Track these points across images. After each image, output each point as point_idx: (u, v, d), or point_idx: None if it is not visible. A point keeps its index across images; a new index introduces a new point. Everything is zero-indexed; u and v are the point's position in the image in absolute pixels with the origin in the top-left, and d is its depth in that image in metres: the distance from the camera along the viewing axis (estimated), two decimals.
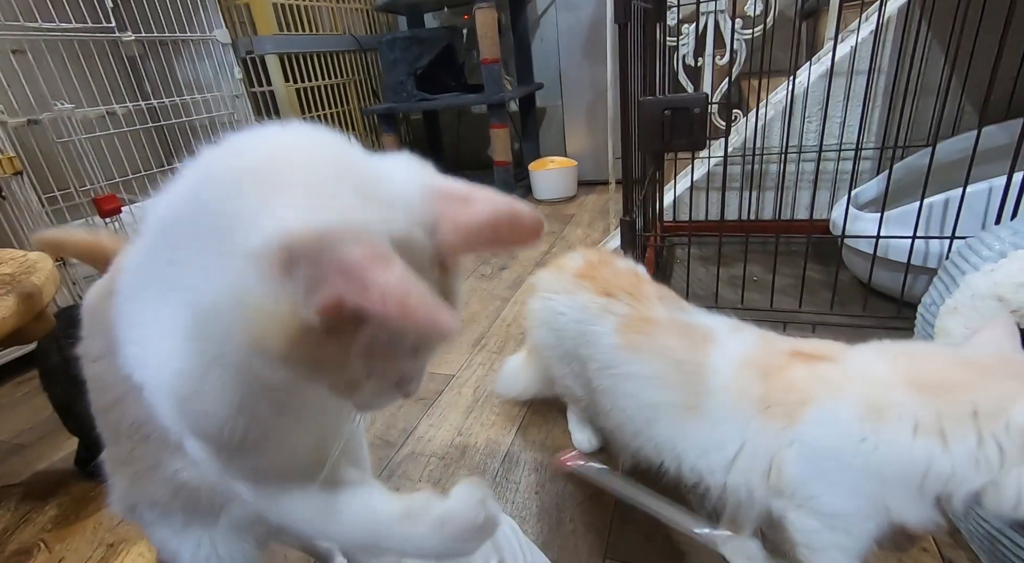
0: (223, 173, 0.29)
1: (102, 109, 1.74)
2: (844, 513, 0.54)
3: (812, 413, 0.53)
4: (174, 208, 0.30)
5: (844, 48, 1.44)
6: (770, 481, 0.57)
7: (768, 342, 0.60)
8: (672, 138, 0.87)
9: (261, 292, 0.25)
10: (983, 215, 0.95)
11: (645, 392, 0.63)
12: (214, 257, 0.26)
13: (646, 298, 0.68)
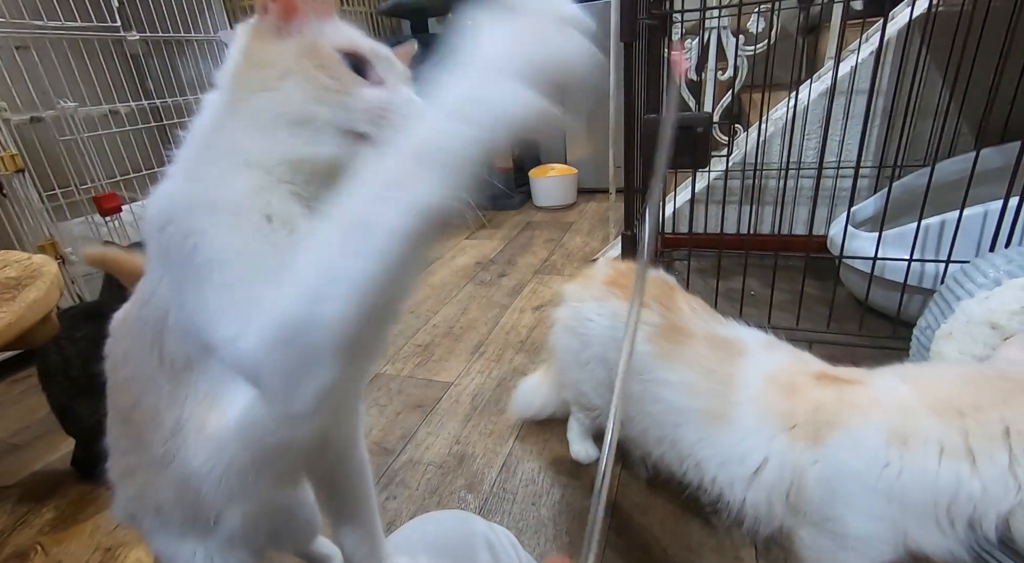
0: None
1: (105, 108, 1.73)
2: (862, 536, 0.54)
3: (838, 436, 0.54)
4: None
5: (844, 67, 1.46)
6: (789, 499, 0.58)
7: (800, 362, 0.61)
8: (675, 156, 0.87)
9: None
10: (978, 238, 0.97)
11: (675, 398, 0.65)
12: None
13: (678, 308, 0.70)
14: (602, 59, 0.27)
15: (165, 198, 0.35)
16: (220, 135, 0.37)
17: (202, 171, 0.35)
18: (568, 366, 0.83)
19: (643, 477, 0.90)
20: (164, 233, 0.33)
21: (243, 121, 0.35)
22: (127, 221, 1.68)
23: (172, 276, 0.35)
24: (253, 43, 0.36)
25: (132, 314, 0.42)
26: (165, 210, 0.34)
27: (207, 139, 0.38)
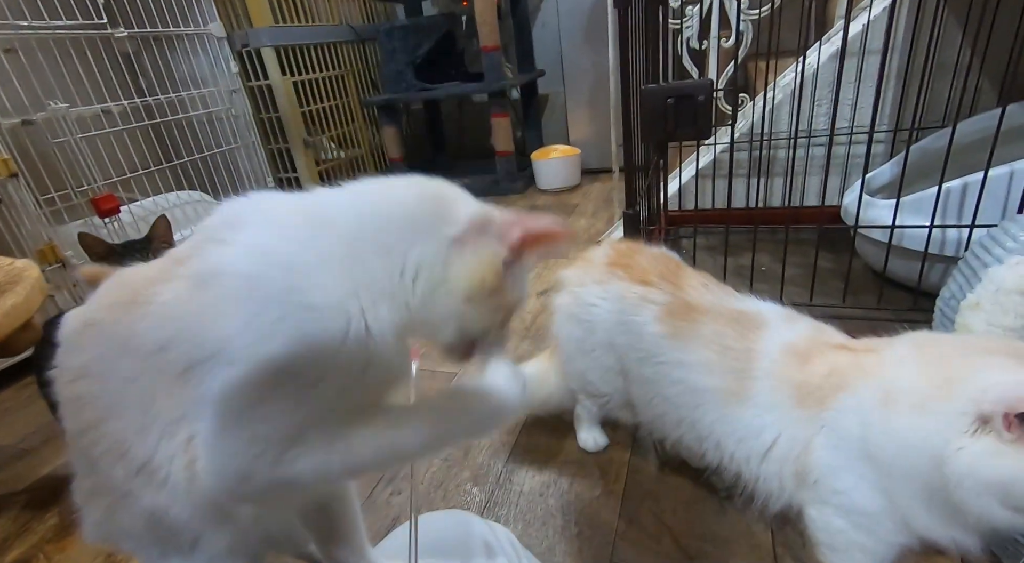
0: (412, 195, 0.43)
1: (97, 108, 1.72)
2: (869, 512, 0.52)
3: (843, 398, 0.52)
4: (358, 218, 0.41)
5: (856, 26, 1.38)
6: (797, 468, 0.55)
7: (820, 333, 0.58)
8: (676, 127, 0.83)
9: (472, 251, 0.40)
10: (1004, 201, 0.91)
11: (692, 378, 0.63)
12: (427, 240, 0.40)
13: (688, 285, 0.67)
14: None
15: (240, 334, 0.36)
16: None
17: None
18: (573, 355, 0.80)
19: (654, 464, 0.87)
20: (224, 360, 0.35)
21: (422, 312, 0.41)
22: (126, 222, 1.67)
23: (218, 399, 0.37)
24: (493, 270, 0.42)
25: (119, 332, 0.40)
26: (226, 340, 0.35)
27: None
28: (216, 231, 0.39)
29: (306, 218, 0.39)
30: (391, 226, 0.40)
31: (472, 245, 0.41)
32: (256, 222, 0.39)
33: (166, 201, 1.90)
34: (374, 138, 2.79)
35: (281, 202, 0.41)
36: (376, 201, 0.42)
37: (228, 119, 2.14)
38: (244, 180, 2.22)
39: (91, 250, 0.97)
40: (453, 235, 0.40)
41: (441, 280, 0.40)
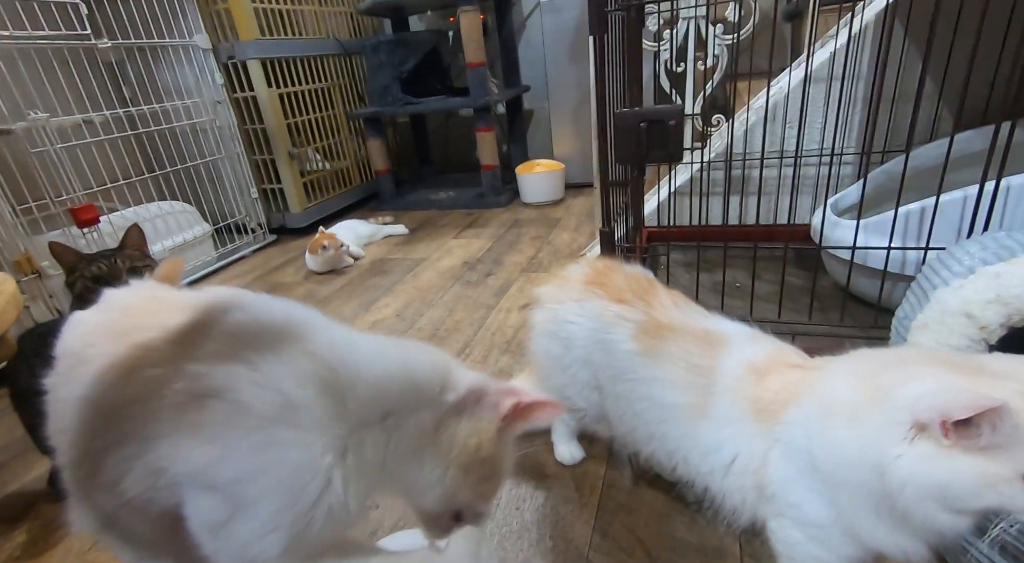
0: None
1: (78, 117, 1.71)
2: (821, 523, 0.54)
3: (792, 412, 0.54)
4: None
5: (824, 54, 1.44)
6: (756, 481, 0.58)
7: (780, 352, 0.61)
8: (649, 150, 0.86)
9: (468, 418, 0.45)
10: (958, 223, 0.96)
11: (661, 394, 0.65)
12: (427, 406, 0.45)
13: (660, 304, 0.69)
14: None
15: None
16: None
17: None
18: (550, 371, 0.82)
19: (629, 477, 0.89)
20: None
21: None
22: (106, 232, 1.66)
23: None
24: (488, 437, 0.47)
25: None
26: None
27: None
28: (230, 341, 0.40)
29: (321, 366, 0.40)
30: (395, 390, 0.42)
31: (469, 412, 0.44)
32: (271, 349, 0.39)
33: (147, 211, 1.90)
34: (360, 150, 2.81)
35: (312, 329, 0.42)
36: (392, 363, 0.43)
37: (213, 130, 2.14)
38: (228, 190, 2.21)
39: (61, 259, 0.96)
40: (452, 401, 0.44)
41: (431, 443, 0.43)
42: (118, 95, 1.97)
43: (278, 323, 0.41)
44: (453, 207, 2.60)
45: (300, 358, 0.39)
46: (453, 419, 0.43)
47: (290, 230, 2.40)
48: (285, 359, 0.39)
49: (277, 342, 0.40)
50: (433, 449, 0.43)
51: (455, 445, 0.43)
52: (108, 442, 0.41)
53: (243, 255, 2.22)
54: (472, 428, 0.44)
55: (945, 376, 0.44)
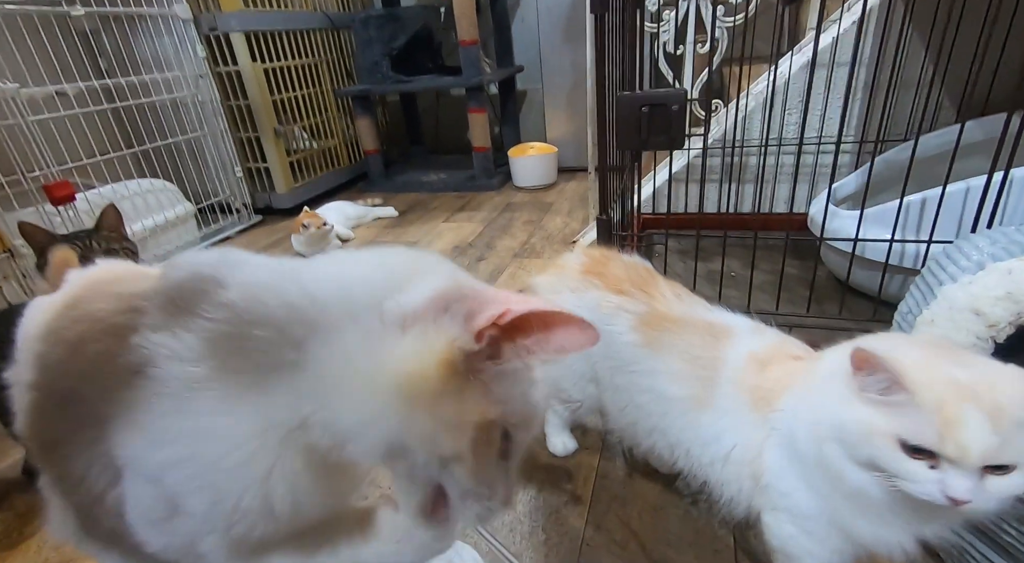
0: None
1: (51, 88, 1.63)
2: (810, 515, 0.54)
3: (785, 399, 0.54)
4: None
5: (826, 39, 1.41)
6: (752, 470, 0.57)
7: (784, 344, 0.60)
8: (650, 135, 0.83)
9: (416, 335, 0.30)
10: (960, 216, 0.95)
11: (663, 386, 0.63)
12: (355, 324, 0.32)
13: (661, 295, 0.67)
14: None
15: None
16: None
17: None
18: None
19: (622, 469, 0.88)
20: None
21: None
22: (82, 210, 1.59)
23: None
24: (440, 360, 0.33)
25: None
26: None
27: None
28: (165, 304, 0.34)
29: (232, 318, 0.32)
30: (311, 316, 0.32)
31: (420, 327, 0.31)
32: (191, 309, 0.33)
33: (126, 189, 1.83)
34: (348, 129, 2.73)
35: (233, 270, 0.34)
36: (314, 283, 0.33)
37: (194, 105, 2.06)
38: (211, 168, 2.14)
39: (32, 239, 0.92)
40: (396, 313, 0.31)
41: (361, 371, 0.31)
42: (93, 66, 1.88)
43: (206, 275, 0.34)
44: (444, 190, 2.56)
45: (212, 313, 0.32)
46: (393, 336, 0.31)
47: (276, 211, 2.34)
48: (198, 319, 0.32)
49: (198, 299, 0.33)
50: (362, 379, 0.31)
51: (391, 371, 0.30)
52: (66, 429, 0.38)
53: (228, 236, 2.16)
54: (417, 347, 0.31)
55: (895, 343, 0.48)
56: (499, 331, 0.31)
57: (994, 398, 0.40)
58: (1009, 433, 0.39)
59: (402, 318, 0.31)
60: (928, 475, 0.41)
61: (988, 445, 0.39)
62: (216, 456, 0.32)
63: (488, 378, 0.32)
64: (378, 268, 0.34)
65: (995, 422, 0.39)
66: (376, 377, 0.31)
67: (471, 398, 0.31)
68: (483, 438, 0.32)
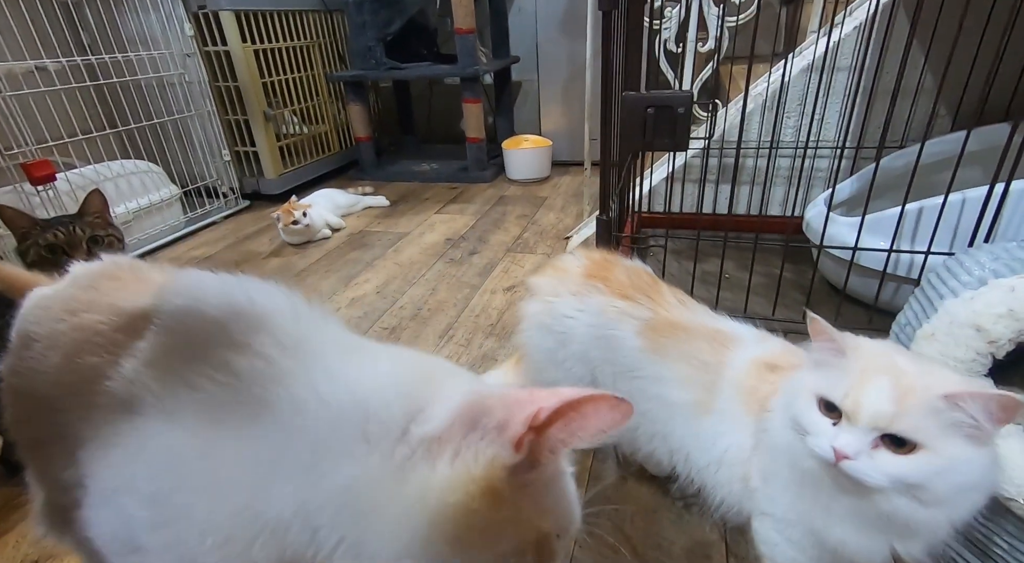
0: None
1: (30, 63, 1.57)
2: (790, 520, 0.54)
3: (774, 400, 0.54)
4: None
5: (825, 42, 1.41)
6: (743, 473, 0.57)
7: (788, 353, 0.60)
8: (654, 137, 0.82)
9: (451, 459, 0.28)
10: (955, 227, 0.95)
11: (668, 392, 0.63)
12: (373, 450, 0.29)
13: (666, 301, 0.67)
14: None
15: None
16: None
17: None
18: (543, 365, 0.79)
19: (614, 472, 0.88)
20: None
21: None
22: (63, 190, 1.54)
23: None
24: (485, 486, 0.30)
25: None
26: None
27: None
28: (172, 340, 0.32)
29: (249, 397, 0.30)
30: (333, 431, 0.29)
31: (451, 450, 0.28)
32: (204, 358, 0.31)
33: (109, 170, 1.77)
34: (339, 115, 2.68)
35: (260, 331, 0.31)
36: (333, 393, 0.30)
37: (181, 85, 2.00)
38: (198, 151, 2.09)
39: (12, 224, 0.88)
40: (421, 438, 0.28)
41: (387, 503, 0.28)
42: (76, 42, 1.81)
43: (212, 319, 0.32)
44: (436, 180, 2.52)
45: (216, 376, 0.30)
46: (425, 464, 0.28)
47: (264, 196, 2.29)
48: (200, 378, 0.30)
49: (201, 352, 0.30)
50: (390, 509, 0.28)
51: (427, 505, 0.27)
52: (49, 433, 0.36)
53: (214, 221, 2.11)
54: (456, 476, 0.28)
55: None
56: (535, 433, 0.28)
57: (912, 380, 0.42)
58: (911, 411, 0.41)
59: (429, 442, 0.28)
60: (826, 429, 0.45)
61: (881, 410, 0.42)
62: (195, 533, 0.29)
63: (533, 489, 0.29)
64: (396, 380, 0.31)
65: (900, 396, 0.42)
66: (411, 509, 0.28)
67: (523, 517, 0.29)
68: (547, 551, 0.30)
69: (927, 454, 0.41)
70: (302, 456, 0.29)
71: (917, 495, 0.42)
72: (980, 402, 0.39)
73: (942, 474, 0.41)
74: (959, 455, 0.41)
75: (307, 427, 0.29)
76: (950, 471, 0.41)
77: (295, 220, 1.77)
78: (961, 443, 0.41)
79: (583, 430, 0.29)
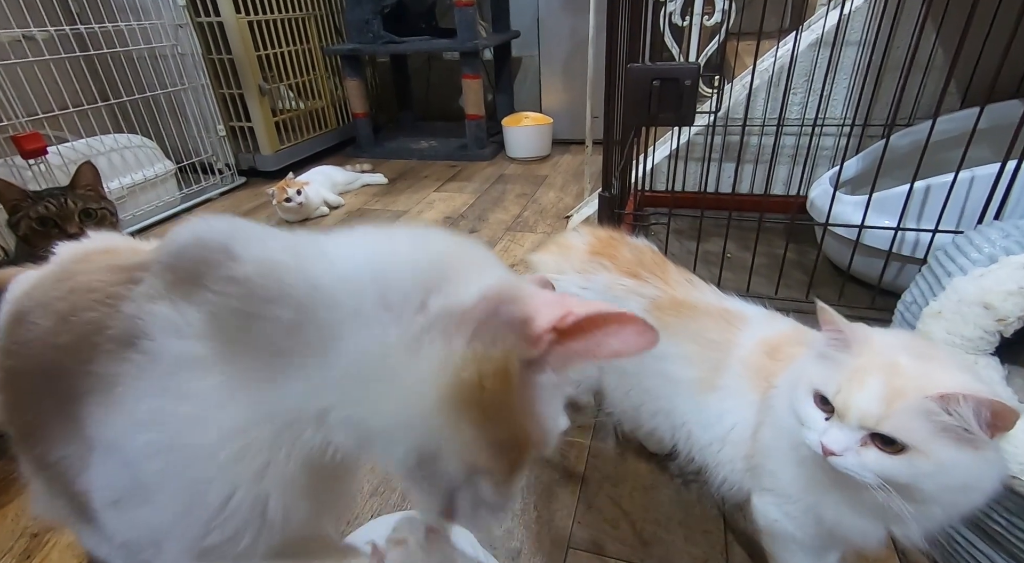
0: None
1: (18, 32, 1.52)
2: (790, 495, 0.54)
3: (781, 376, 0.54)
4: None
5: (834, 17, 1.38)
6: (747, 450, 0.57)
7: (798, 332, 0.59)
8: (659, 111, 0.80)
9: (470, 340, 0.28)
10: (962, 206, 0.94)
11: (673, 369, 0.63)
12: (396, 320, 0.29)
13: (674, 280, 0.67)
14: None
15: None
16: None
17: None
18: None
19: (614, 448, 0.88)
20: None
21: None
22: (55, 164, 1.51)
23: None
24: (498, 370, 0.31)
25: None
26: None
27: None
28: (165, 273, 0.31)
29: (244, 294, 0.28)
30: (345, 305, 0.28)
31: (473, 331, 0.28)
32: (195, 280, 0.30)
33: (102, 144, 1.74)
34: (336, 90, 2.63)
35: (246, 241, 0.30)
36: (345, 269, 0.30)
37: (174, 57, 1.95)
38: (192, 126, 2.05)
39: (2, 197, 0.87)
40: (443, 311, 0.28)
41: (398, 371, 0.28)
42: (64, 10, 1.76)
43: (214, 244, 0.30)
44: (435, 158, 2.49)
45: (220, 286, 0.29)
46: (442, 338, 0.28)
47: (261, 173, 2.26)
48: (204, 291, 0.29)
49: (204, 269, 0.29)
50: (401, 379, 0.28)
51: (440, 376, 0.28)
52: (45, 410, 0.34)
53: (210, 197, 2.08)
54: (474, 354, 0.28)
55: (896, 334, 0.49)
56: (557, 336, 0.28)
57: (905, 382, 0.42)
58: (900, 413, 0.41)
59: (450, 318, 0.28)
60: (818, 423, 0.45)
61: (869, 410, 0.42)
62: (205, 448, 0.28)
63: (534, 393, 0.29)
64: (419, 254, 0.31)
65: (890, 397, 0.41)
66: (423, 381, 0.28)
67: (519, 413, 0.29)
68: (523, 456, 0.30)
69: (916, 455, 0.40)
70: (321, 332, 0.28)
71: (907, 493, 0.42)
72: (972, 405, 0.38)
73: (931, 476, 0.40)
74: (950, 458, 0.40)
75: (324, 302, 0.28)
76: (939, 474, 0.40)
77: (288, 198, 1.74)
78: (953, 446, 0.39)
79: (603, 346, 0.29)
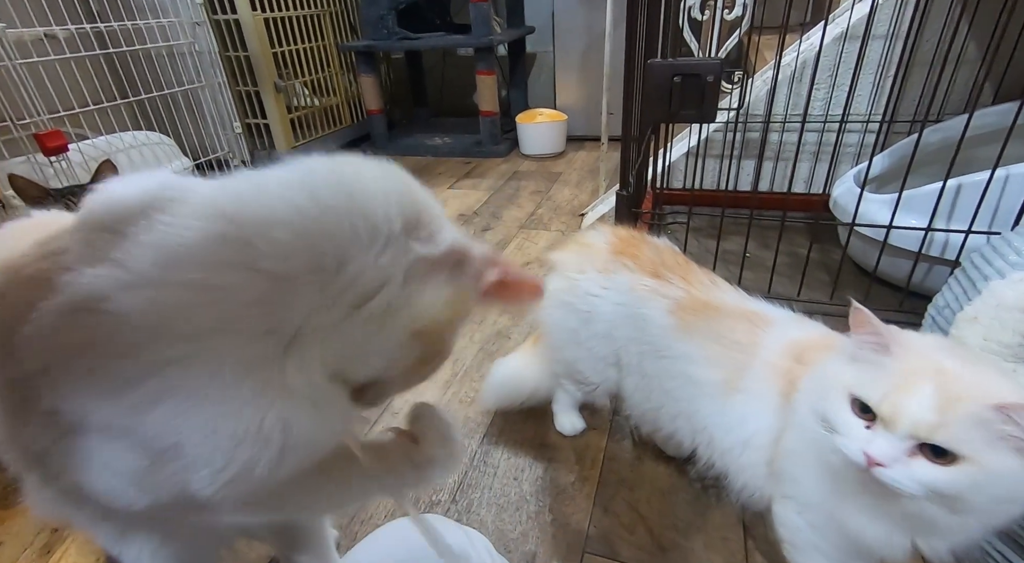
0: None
1: (39, 30, 1.54)
2: (812, 503, 0.53)
3: (805, 379, 0.53)
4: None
5: (861, 9, 1.34)
6: (770, 456, 0.56)
7: (826, 337, 0.57)
8: (680, 107, 0.78)
9: (447, 282, 0.34)
10: (996, 206, 0.91)
11: (696, 371, 0.62)
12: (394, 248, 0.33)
13: (698, 281, 0.65)
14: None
15: None
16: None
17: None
18: (564, 344, 0.77)
19: (630, 451, 0.87)
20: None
21: None
22: (76, 161, 1.53)
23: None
24: (462, 309, 0.39)
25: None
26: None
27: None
28: (94, 236, 0.30)
29: (215, 217, 0.28)
30: (334, 231, 0.30)
31: (447, 275, 0.34)
32: (136, 231, 0.28)
33: (121, 141, 1.76)
34: (351, 86, 2.63)
35: (188, 187, 0.30)
36: (331, 184, 0.31)
37: (191, 55, 1.96)
38: (209, 123, 2.06)
39: (24, 194, 0.88)
40: (428, 255, 0.33)
41: (396, 304, 0.32)
42: (85, 9, 1.78)
43: (149, 195, 0.29)
44: (449, 154, 2.48)
45: (172, 220, 0.28)
46: (424, 275, 0.33)
47: None
48: (154, 231, 0.28)
49: (143, 216, 0.28)
50: (397, 313, 0.32)
51: (419, 307, 0.33)
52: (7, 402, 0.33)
53: None
54: (451, 294, 0.34)
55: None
56: (494, 288, 0.36)
57: (959, 388, 0.39)
58: (956, 422, 0.38)
59: (426, 261, 0.33)
60: (858, 432, 0.42)
61: (922, 418, 0.39)
62: (205, 379, 0.27)
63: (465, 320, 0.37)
64: (383, 188, 0.34)
65: (944, 404, 0.38)
66: (401, 313, 0.32)
67: (452, 336, 0.37)
68: (435, 364, 0.37)
69: (968, 466, 0.38)
70: (323, 261, 0.30)
71: (950, 504, 0.40)
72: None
73: (982, 487, 0.38)
74: (1004, 468, 0.38)
75: (308, 230, 0.29)
76: (991, 485, 0.38)
77: None
78: (1008, 456, 0.37)
79: (516, 299, 0.38)
